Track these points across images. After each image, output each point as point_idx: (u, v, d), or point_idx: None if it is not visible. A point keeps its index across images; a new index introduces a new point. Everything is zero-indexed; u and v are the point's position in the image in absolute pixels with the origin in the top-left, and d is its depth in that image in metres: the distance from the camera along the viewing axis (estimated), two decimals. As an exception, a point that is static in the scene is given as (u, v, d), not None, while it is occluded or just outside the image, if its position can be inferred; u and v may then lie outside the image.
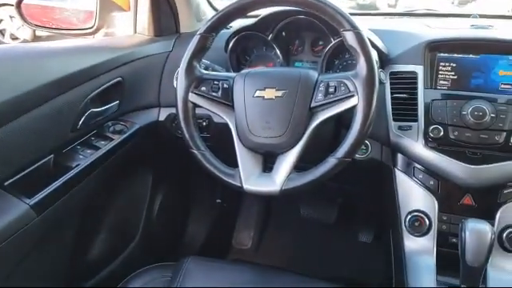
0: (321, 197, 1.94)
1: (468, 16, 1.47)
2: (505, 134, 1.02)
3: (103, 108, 1.24)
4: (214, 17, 1.03)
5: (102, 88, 1.21)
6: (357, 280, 1.72)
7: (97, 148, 1.20)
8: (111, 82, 1.24)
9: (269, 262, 1.93)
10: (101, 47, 1.33)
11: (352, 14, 0.97)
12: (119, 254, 1.50)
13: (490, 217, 1.05)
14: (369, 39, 1.11)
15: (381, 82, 1.08)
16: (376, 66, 0.94)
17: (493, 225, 1.04)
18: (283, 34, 1.34)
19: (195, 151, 1.03)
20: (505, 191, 1.05)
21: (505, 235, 1.04)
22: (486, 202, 1.06)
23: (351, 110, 0.94)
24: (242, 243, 2.02)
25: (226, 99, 1.03)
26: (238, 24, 1.30)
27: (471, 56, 1.12)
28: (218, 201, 1.95)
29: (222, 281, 1.08)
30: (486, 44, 1.12)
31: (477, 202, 1.07)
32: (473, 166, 1.03)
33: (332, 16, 0.96)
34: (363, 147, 1.17)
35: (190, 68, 1.04)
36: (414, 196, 1.13)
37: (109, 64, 1.24)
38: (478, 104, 1.03)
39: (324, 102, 0.96)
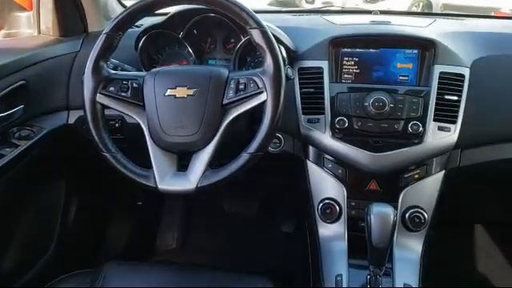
0: (242, 192, 1.97)
1: (370, 12, 1.56)
2: (403, 122, 1.10)
3: (6, 113, 1.17)
4: (119, 15, 1.01)
5: (3, 92, 1.14)
6: (281, 270, 1.77)
7: (1, 156, 1.13)
8: (14, 86, 1.17)
9: (195, 261, 1.93)
10: (0, 49, 1.25)
11: (261, 12, 0.99)
12: (30, 269, 1.42)
13: (393, 200, 1.14)
14: (276, 37, 1.15)
15: (288, 78, 1.12)
16: (282, 63, 0.98)
17: (396, 207, 1.13)
18: (195, 31, 1.34)
19: (106, 154, 1.00)
20: (405, 175, 1.14)
21: (407, 216, 1.12)
22: (389, 186, 1.14)
23: (261, 106, 0.97)
24: (166, 244, 2.00)
25: (136, 99, 1.02)
26: (149, 22, 1.29)
27: (372, 50, 1.19)
28: (139, 203, 1.92)
29: (142, 283, 1.07)
30: (384, 39, 1.20)
31: (381, 186, 1.15)
32: (376, 154, 1.11)
33: (238, 14, 0.98)
34: (276, 141, 1.21)
35: (96, 68, 1.01)
36: (324, 185, 1.19)
37: (10, 67, 1.17)
38: (378, 95, 1.11)
39: (235, 98, 0.99)
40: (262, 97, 0.97)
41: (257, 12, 1.00)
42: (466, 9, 4.87)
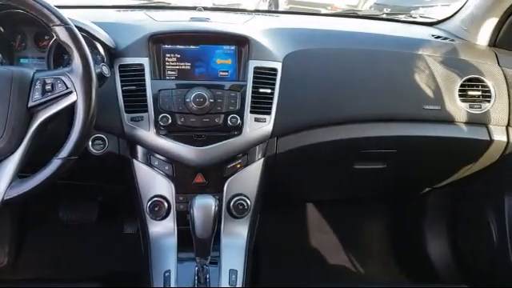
0: (80, 197, 1.87)
1: (195, 8, 1.58)
2: (223, 116, 1.14)
3: None
4: None
5: None
6: (126, 272, 1.73)
7: None
8: None
9: (31, 276, 1.78)
10: None
11: (78, 7, 0.94)
12: None
13: (219, 190, 1.18)
14: (91, 33, 1.11)
15: (104, 76, 1.08)
16: (92, 61, 0.94)
17: (222, 197, 1.18)
18: (1, 29, 1.22)
19: None
20: (228, 166, 1.19)
21: (232, 204, 1.18)
22: (214, 177, 1.19)
23: (72, 107, 0.92)
24: (-5, 262, 1.80)
25: None
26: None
27: (192, 47, 1.21)
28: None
29: None
30: (202, 35, 1.23)
31: (207, 179, 1.18)
32: (200, 148, 1.14)
33: (39, 11, 0.92)
34: (100, 142, 1.17)
35: None
36: (152, 183, 1.18)
37: None
38: (198, 91, 1.13)
39: (42, 100, 0.92)
40: (72, 97, 0.92)
41: (73, 7, 0.95)
42: (309, 4, 5.25)
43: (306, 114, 1.27)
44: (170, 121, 1.12)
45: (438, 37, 1.50)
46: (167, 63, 1.20)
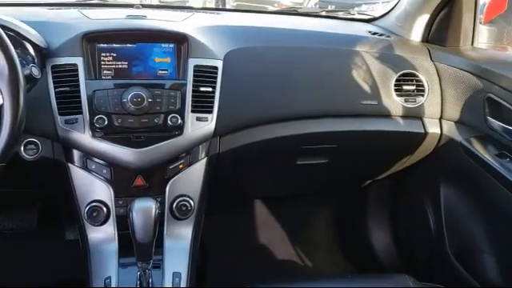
0: (16, 205, 1.77)
1: (132, 6, 1.54)
2: (163, 115, 1.12)
3: None
4: None
5: None
6: (71, 279, 1.67)
7: None
8: None
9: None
10: None
11: (6, 5, 0.88)
12: None
13: (161, 192, 1.16)
14: (19, 33, 1.05)
15: (33, 78, 1.03)
16: (18, 62, 0.89)
17: (164, 199, 1.16)
18: None
19: None
20: (170, 167, 1.17)
21: (174, 206, 1.16)
22: (155, 179, 1.16)
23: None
24: None
25: None
26: None
27: (129, 45, 1.18)
28: None
29: None
30: (139, 33, 1.20)
31: (148, 181, 1.15)
32: (139, 149, 1.11)
33: None
34: (33, 147, 1.11)
35: None
36: (90, 188, 1.14)
37: None
38: (135, 91, 1.10)
39: None
40: None
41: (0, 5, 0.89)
42: (256, 1, 5.27)
43: (248, 112, 1.27)
44: (106, 122, 1.08)
45: (375, 33, 1.54)
46: (103, 63, 1.16)
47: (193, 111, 1.15)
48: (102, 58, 1.16)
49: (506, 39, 1.44)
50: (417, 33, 1.53)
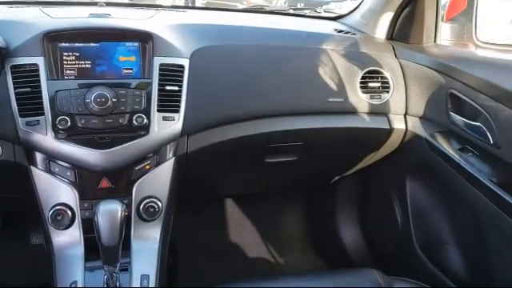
0: None
1: (96, 4, 1.51)
2: (128, 115, 1.10)
3: None
4: None
5: None
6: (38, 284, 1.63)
7: None
8: None
9: None
10: None
11: None
12: None
13: (127, 194, 1.14)
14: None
15: None
16: None
17: (131, 200, 1.14)
18: None
19: None
20: (136, 168, 1.15)
21: (141, 207, 1.14)
22: (121, 181, 1.14)
23: None
24: None
25: None
26: None
27: (92, 44, 1.15)
28: None
29: None
30: (102, 32, 1.17)
31: (114, 183, 1.13)
32: (103, 151, 1.09)
33: None
34: None
35: None
36: (54, 191, 1.11)
37: None
38: (99, 91, 1.08)
39: None
40: None
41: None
42: None
43: (216, 110, 1.26)
44: (69, 123, 1.06)
45: (341, 31, 1.55)
46: (65, 62, 1.13)
47: (159, 110, 1.13)
48: (64, 57, 1.13)
49: (466, 36, 1.48)
50: (381, 30, 1.55)
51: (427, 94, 1.38)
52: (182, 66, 1.19)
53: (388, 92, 1.42)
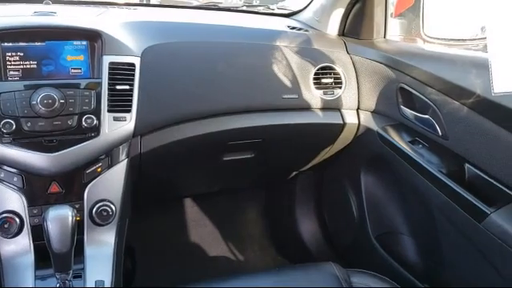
0: None
1: (41, 1, 1.45)
2: (76, 117, 1.06)
3: None
4: None
5: None
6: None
7: None
8: None
9: None
10: None
11: None
12: None
13: (79, 198, 1.10)
14: None
15: None
16: None
17: (83, 205, 1.10)
18: None
19: None
20: (87, 171, 1.11)
21: (94, 212, 1.10)
22: (72, 185, 1.10)
23: None
24: None
25: None
26: None
27: (38, 44, 1.10)
28: None
29: None
30: (47, 31, 1.12)
31: (64, 187, 1.09)
32: (52, 154, 1.04)
33: None
34: None
35: None
36: (0, 198, 1.06)
37: None
38: (46, 92, 1.04)
39: None
40: None
41: None
42: None
43: (169, 109, 1.24)
44: (14, 127, 1.01)
45: (294, 28, 1.56)
46: (8, 63, 1.08)
47: (109, 111, 1.10)
48: (7, 57, 1.08)
49: (415, 31, 1.52)
50: (333, 27, 1.58)
51: (378, 89, 1.42)
52: (132, 65, 1.16)
53: (340, 88, 1.44)
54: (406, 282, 1.39)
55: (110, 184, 1.14)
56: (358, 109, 1.48)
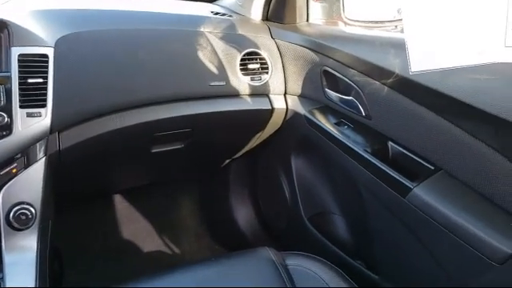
0: None
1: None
2: None
3: None
4: None
5: None
6: None
7: None
8: None
9: None
10: None
11: None
12: None
13: None
14: None
15: None
16: None
17: None
18: None
19: None
20: (1, 173, 1.02)
21: (11, 216, 1.03)
22: None
23: None
24: None
25: None
26: None
27: None
28: None
29: None
30: None
31: None
32: None
33: None
34: None
35: None
36: None
37: None
38: None
39: None
40: None
41: None
42: None
43: (89, 102, 1.17)
44: None
45: (217, 13, 1.54)
46: None
47: (22, 107, 1.02)
48: None
49: (336, 15, 1.55)
50: (256, 11, 1.57)
51: (303, 73, 1.43)
52: (45, 56, 1.08)
53: (267, 73, 1.44)
54: (340, 260, 1.43)
55: (28, 185, 1.06)
56: (286, 93, 1.49)
